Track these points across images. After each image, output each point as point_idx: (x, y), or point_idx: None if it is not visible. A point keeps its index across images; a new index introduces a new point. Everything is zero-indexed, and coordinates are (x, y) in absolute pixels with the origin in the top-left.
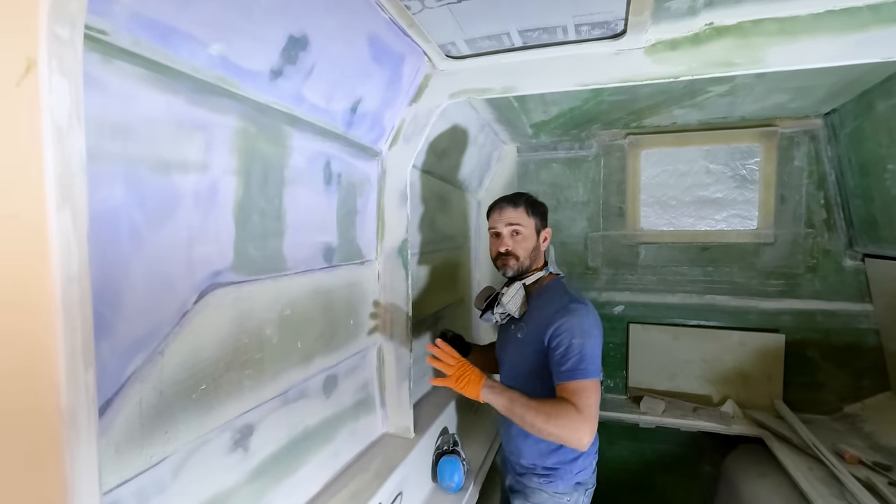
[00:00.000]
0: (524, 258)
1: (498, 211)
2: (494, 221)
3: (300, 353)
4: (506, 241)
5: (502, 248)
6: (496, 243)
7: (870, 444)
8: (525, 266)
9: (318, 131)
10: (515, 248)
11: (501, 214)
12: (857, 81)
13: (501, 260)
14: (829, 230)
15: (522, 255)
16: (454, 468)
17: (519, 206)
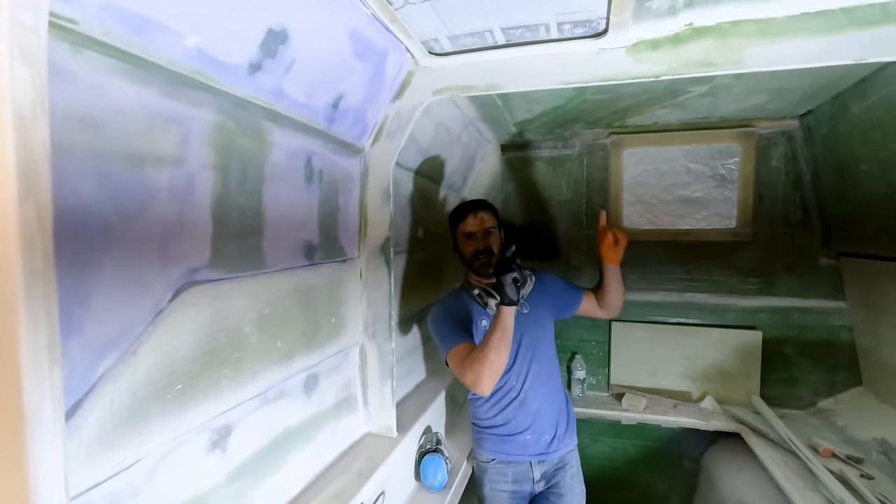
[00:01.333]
0: (497, 253)
1: (472, 215)
2: (469, 225)
3: (280, 352)
4: (484, 240)
5: (482, 247)
6: (471, 243)
7: (843, 438)
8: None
9: (299, 127)
10: (492, 245)
11: (476, 217)
12: (832, 84)
13: (481, 259)
14: (805, 229)
15: (496, 251)
16: (437, 466)
17: (487, 210)
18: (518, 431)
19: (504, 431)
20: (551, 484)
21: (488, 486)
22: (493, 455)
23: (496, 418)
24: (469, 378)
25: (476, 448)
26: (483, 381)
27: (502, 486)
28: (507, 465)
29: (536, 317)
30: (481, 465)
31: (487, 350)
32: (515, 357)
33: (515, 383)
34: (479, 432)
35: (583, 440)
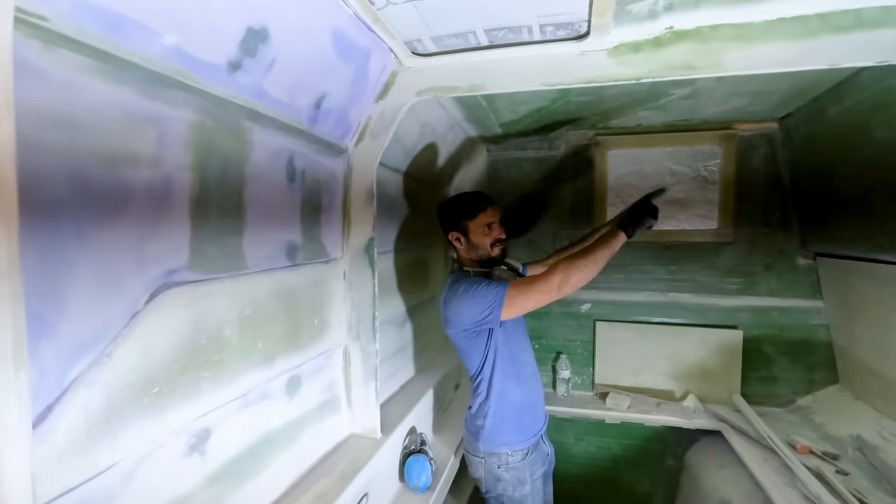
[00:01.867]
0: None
1: (491, 206)
2: (490, 216)
3: (262, 354)
4: (502, 230)
5: (502, 235)
6: (491, 233)
7: (820, 435)
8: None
9: (281, 127)
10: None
11: (493, 209)
12: (810, 87)
13: (498, 246)
14: (785, 230)
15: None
16: (422, 468)
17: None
18: (537, 405)
19: (530, 410)
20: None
21: (530, 482)
22: (525, 445)
23: (520, 397)
24: (555, 279)
25: (508, 449)
26: (570, 283)
27: (538, 473)
28: (536, 448)
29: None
30: (517, 465)
31: (590, 261)
32: (517, 336)
33: (528, 357)
34: (503, 432)
35: (568, 439)
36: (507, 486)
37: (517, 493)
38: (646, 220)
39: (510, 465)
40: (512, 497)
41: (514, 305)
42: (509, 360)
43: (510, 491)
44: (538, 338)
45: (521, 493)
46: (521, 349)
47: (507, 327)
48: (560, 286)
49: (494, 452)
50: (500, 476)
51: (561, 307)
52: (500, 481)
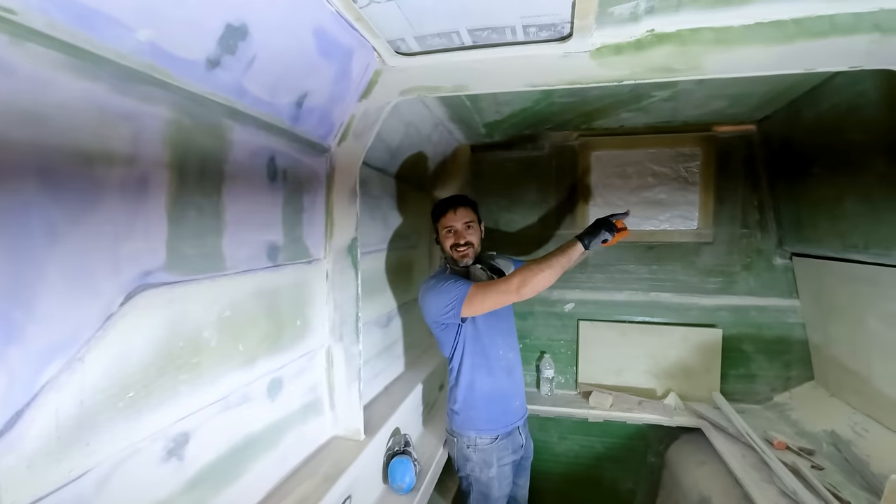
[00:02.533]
0: (478, 245)
1: (452, 210)
2: (449, 220)
3: (242, 356)
4: (463, 234)
5: (461, 240)
6: (451, 237)
7: (796, 431)
8: (478, 251)
9: (262, 125)
10: (472, 238)
11: (455, 213)
12: (787, 91)
13: (460, 251)
14: (762, 230)
15: (476, 243)
16: (406, 469)
17: (466, 205)
18: (512, 399)
19: (501, 403)
20: (525, 446)
21: (497, 466)
22: (496, 432)
23: (494, 390)
24: (514, 282)
25: (475, 434)
26: (529, 285)
27: (506, 459)
28: (508, 436)
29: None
30: (485, 448)
31: (546, 266)
32: (500, 330)
33: (503, 351)
34: (476, 416)
35: (552, 438)
36: (474, 466)
37: (483, 475)
38: (601, 234)
39: (478, 446)
40: (479, 478)
41: (473, 304)
42: (481, 354)
43: (477, 472)
44: (522, 337)
45: (488, 476)
46: (497, 344)
47: (479, 323)
48: (518, 288)
49: (464, 434)
50: (468, 456)
51: (545, 307)
52: (469, 461)
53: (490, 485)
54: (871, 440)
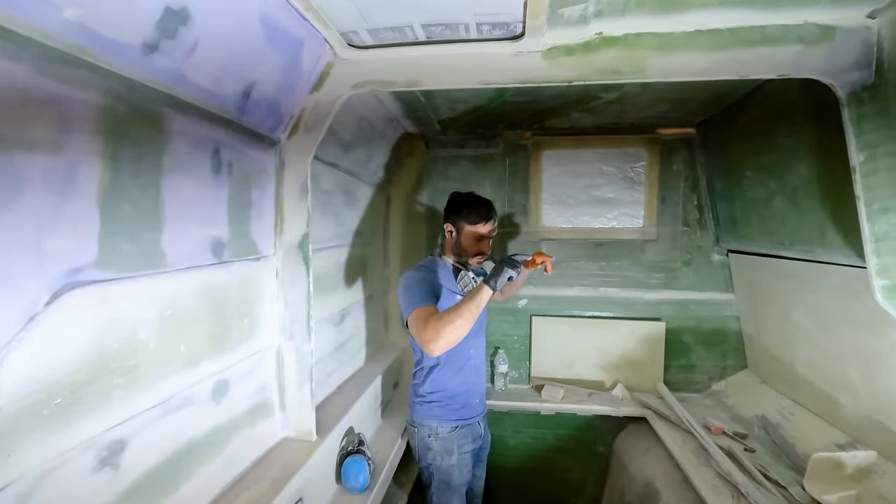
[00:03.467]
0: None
1: (493, 221)
2: (486, 229)
3: (184, 358)
4: (489, 246)
5: (488, 251)
6: (480, 245)
7: (731, 417)
8: None
9: (205, 115)
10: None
11: (494, 224)
12: (724, 96)
13: (479, 258)
14: (701, 228)
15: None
16: (359, 468)
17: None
18: (472, 395)
19: (463, 399)
20: (483, 437)
21: (458, 454)
22: (456, 422)
23: (458, 386)
24: (426, 334)
25: (436, 423)
26: (439, 342)
27: (467, 448)
28: (468, 427)
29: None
30: (446, 436)
31: (457, 317)
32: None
33: (473, 351)
34: (435, 407)
35: (506, 432)
36: (435, 455)
37: (444, 463)
38: (505, 272)
39: (439, 435)
40: (440, 467)
41: (410, 323)
42: (450, 353)
43: (438, 461)
44: None
45: (449, 464)
46: (468, 345)
47: None
48: (428, 342)
49: (425, 423)
50: (429, 445)
51: (499, 304)
52: (430, 450)
53: (451, 472)
54: (796, 423)
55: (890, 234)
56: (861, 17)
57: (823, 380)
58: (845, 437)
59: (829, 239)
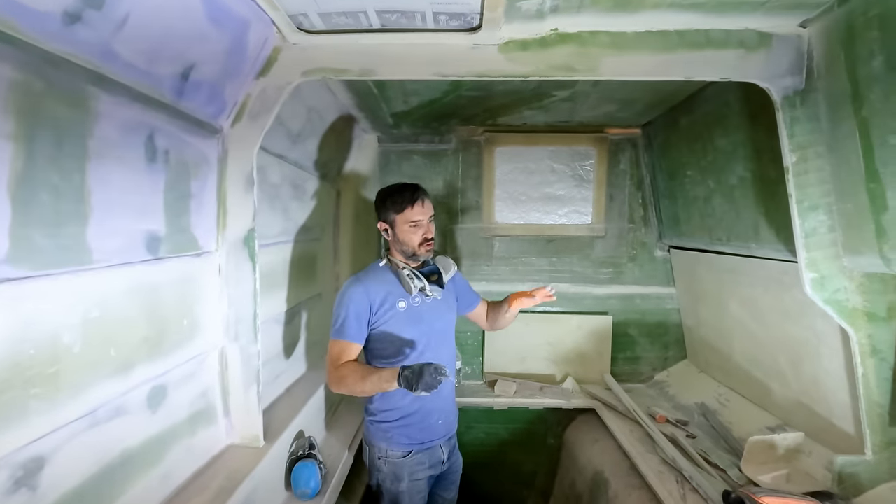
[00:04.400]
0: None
1: (420, 203)
2: (417, 214)
3: (114, 363)
4: (430, 229)
5: (430, 235)
6: (419, 231)
7: (673, 405)
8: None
9: (137, 97)
10: (434, 233)
11: (424, 206)
12: (667, 98)
13: (425, 246)
14: (645, 225)
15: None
16: (310, 473)
17: (428, 196)
18: (432, 416)
19: (418, 419)
20: (450, 461)
21: (408, 480)
22: (410, 447)
23: (412, 405)
24: (331, 374)
25: (386, 446)
26: (338, 390)
27: (421, 475)
28: (425, 452)
29: (447, 303)
30: (396, 461)
31: (357, 384)
32: (431, 342)
33: None
34: (388, 428)
35: (459, 428)
36: (384, 477)
37: (393, 487)
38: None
39: (388, 458)
40: (388, 489)
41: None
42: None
43: (387, 483)
44: None
45: (398, 489)
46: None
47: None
48: (330, 382)
49: (375, 444)
50: (379, 467)
51: None
52: (380, 472)
53: (400, 498)
54: (732, 409)
55: (818, 231)
56: (794, 26)
57: (757, 368)
58: (776, 420)
59: (762, 235)
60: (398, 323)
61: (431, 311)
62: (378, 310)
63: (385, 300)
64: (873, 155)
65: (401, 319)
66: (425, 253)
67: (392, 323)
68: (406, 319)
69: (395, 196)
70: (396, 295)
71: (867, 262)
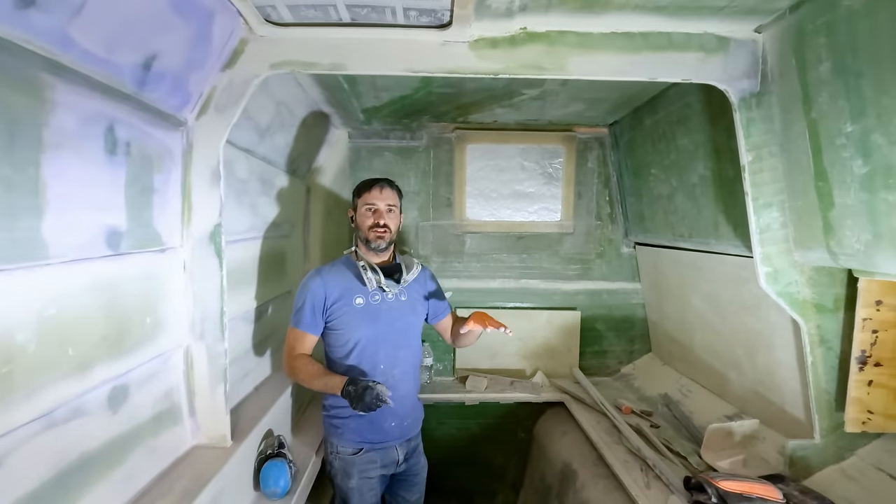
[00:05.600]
0: (395, 232)
1: (378, 188)
2: (374, 198)
3: (72, 363)
4: (384, 215)
5: (381, 221)
6: (372, 216)
7: (639, 397)
8: (393, 239)
9: (96, 86)
10: (391, 222)
11: (382, 192)
12: (632, 99)
13: (376, 231)
14: (612, 222)
15: (394, 229)
16: (280, 472)
17: (393, 188)
18: (385, 419)
19: (370, 418)
20: (409, 462)
21: (357, 478)
22: (361, 445)
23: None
24: (287, 363)
25: (337, 441)
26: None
27: (372, 473)
28: (376, 451)
29: (412, 305)
30: (346, 458)
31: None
32: (387, 342)
33: (385, 367)
34: (341, 424)
35: (430, 425)
36: (336, 472)
37: (344, 484)
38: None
39: (339, 454)
40: (340, 485)
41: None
42: (356, 366)
43: (338, 479)
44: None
45: (347, 485)
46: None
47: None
48: (286, 369)
49: (328, 439)
50: (331, 462)
51: None
52: (332, 467)
53: (350, 495)
54: (693, 399)
55: (772, 227)
56: (750, 31)
57: (716, 359)
58: (733, 408)
59: (722, 231)
60: (353, 319)
61: (391, 311)
62: (334, 304)
63: (342, 295)
64: (822, 155)
65: (356, 316)
66: (375, 239)
67: (347, 318)
68: (362, 316)
69: (362, 182)
70: (355, 291)
71: (816, 256)
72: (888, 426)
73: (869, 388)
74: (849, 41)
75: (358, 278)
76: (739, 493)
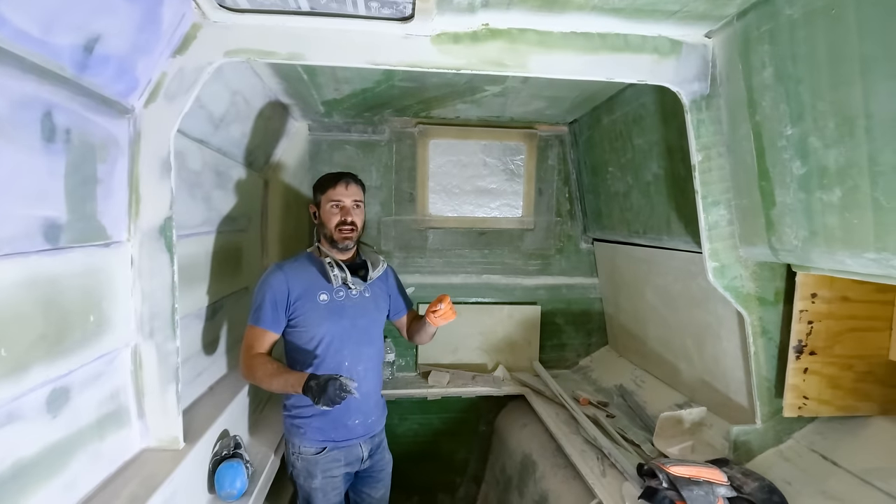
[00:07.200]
0: (361, 229)
1: (344, 184)
2: (339, 194)
3: (5, 364)
4: (352, 213)
5: (348, 218)
6: (338, 213)
7: (595, 388)
8: (359, 237)
9: (30, 68)
10: (357, 219)
11: (348, 188)
12: (592, 98)
13: (343, 232)
14: (572, 219)
15: (360, 226)
16: (236, 473)
17: (358, 183)
18: (349, 416)
19: (333, 417)
20: (374, 459)
21: (321, 477)
22: (325, 444)
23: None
24: (244, 362)
25: (299, 442)
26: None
27: (336, 472)
28: (340, 450)
29: (375, 302)
30: (309, 458)
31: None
32: (351, 339)
33: (349, 364)
34: (303, 423)
35: (392, 421)
36: (298, 473)
37: (306, 484)
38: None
39: (302, 454)
40: (302, 486)
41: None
42: (319, 365)
43: (301, 480)
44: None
45: (311, 486)
46: (342, 355)
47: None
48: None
49: (290, 440)
50: (293, 463)
51: None
52: (294, 468)
53: (313, 495)
54: (646, 389)
55: (720, 224)
56: (701, 36)
57: (668, 350)
58: (683, 397)
59: (673, 228)
60: (317, 316)
61: (355, 308)
62: (297, 300)
63: (305, 291)
64: (765, 156)
65: (320, 312)
66: (343, 240)
67: (311, 315)
68: (326, 313)
69: (326, 178)
70: (318, 287)
71: (759, 251)
72: (821, 410)
73: (805, 375)
74: (789, 49)
75: (321, 274)
76: (688, 478)
